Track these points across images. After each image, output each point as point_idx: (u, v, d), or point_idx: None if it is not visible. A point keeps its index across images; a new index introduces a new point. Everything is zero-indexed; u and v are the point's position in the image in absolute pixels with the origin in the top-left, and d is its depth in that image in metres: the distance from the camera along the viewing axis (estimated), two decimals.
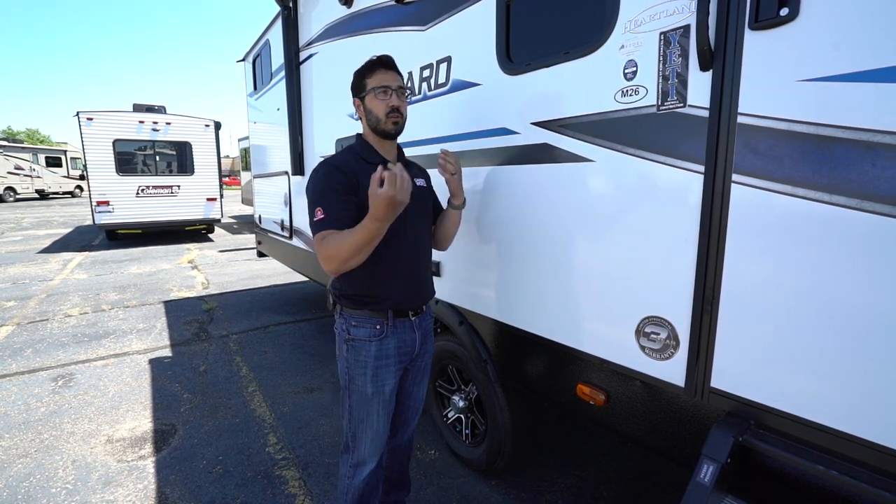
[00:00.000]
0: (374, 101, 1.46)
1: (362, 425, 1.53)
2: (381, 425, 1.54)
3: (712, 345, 1.19)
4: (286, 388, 3.28)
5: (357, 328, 1.49)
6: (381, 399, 1.51)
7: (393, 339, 1.50)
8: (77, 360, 3.77)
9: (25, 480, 2.27)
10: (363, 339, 1.48)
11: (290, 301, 5.52)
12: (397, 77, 1.49)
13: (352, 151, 1.51)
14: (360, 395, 1.51)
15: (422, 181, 1.63)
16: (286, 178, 4.07)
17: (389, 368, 1.51)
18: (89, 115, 8.88)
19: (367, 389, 1.49)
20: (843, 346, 0.98)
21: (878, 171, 0.89)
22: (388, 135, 1.49)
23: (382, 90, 1.44)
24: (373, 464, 1.57)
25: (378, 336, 1.48)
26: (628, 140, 1.32)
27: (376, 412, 1.52)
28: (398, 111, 1.46)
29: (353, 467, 1.58)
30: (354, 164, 1.44)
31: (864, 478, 0.96)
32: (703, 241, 1.17)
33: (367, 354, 1.48)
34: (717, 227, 1.14)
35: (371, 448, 1.55)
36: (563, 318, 1.61)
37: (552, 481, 2.27)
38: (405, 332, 1.52)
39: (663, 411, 1.41)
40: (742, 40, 1.06)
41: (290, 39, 3.53)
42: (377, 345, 1.48)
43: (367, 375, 1.49)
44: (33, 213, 16.25)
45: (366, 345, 1.48)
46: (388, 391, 1.52)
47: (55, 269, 7.26)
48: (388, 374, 1.51)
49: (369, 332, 1.48)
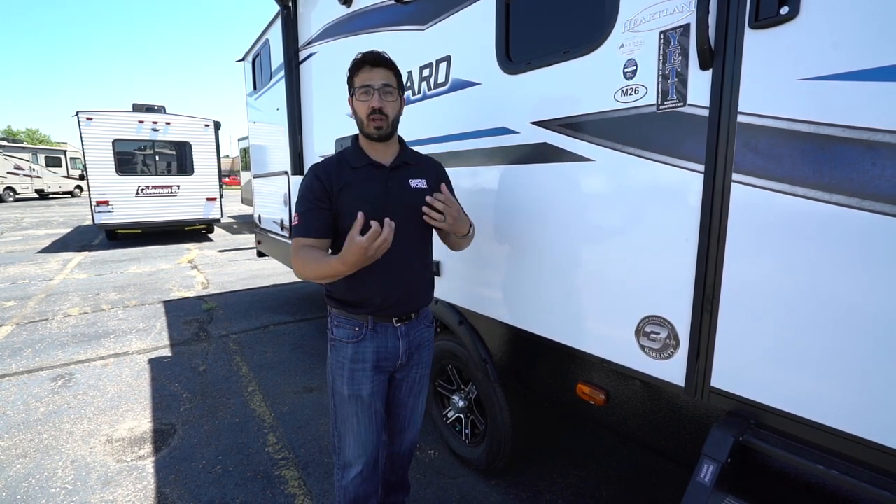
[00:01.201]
0: (357, 101, 1.40)
1: (344, 426, 1.52)
2: (362, 428, 1.51)
3: (712, 344, 1.19)
4: (286, 387, 3.28)
5: (338, 328, 1.49)
6: (359, 402, 1.48)
7: (371, 343, 1.46)
8: (76, 359, 3.77)
9: (25, 480, 2.27)
10: (342, 339, 1.48)
11: (290, 301, 5.52)
12: (385, 75, 1.38)
13: (341, 155, 1.49)
14: (339, 397, 1.50)
15: (420, 182, 1.49)
16: (286, 178, 4.06)
17: (366, 373, 1.47)
18: (89, 115, 8.87)
19: (344, 391, 1.48)
20: (844, 345, 0.98)
21: (878, 171, 0.89)
22: (371, 137, 1.42)
23: (364, 90, 1.37)
24: (359, 466, 1.53)
25: (355, 338, 1.46)
26: (628, 139, 1.32)
27: (355, 415, 1.49)
28: (381, 112, 1.37)
29: (340, 469, 1.57)
30: (337, 169, 1.41)
31: (864, 477, 0.96)
32: (704, 240, 1.17)
33: (344, 356, 1.47)
34: (718, 227, 1.14)
35: (355, 451, 1.52)
36: (563, 317, 1.61)
37: (552, 481, 2.27)
38: (387, 338, 1.48)
39: (663, 411, 1.41)
40: (742, 39, 1.06)
41: (289, 39, 3.52)
42: (353, 347, 1.46)
43: (344, 377, 1.47)
44: (33, 213, 16.24)
45: (344, 346, 1.47)
46: (366, 395, 1.48)
47: (55, 268, 7.26)
48: (365, 379, 1.47)
49: (348, 334, 1.47)
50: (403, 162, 1.49)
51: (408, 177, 1.48)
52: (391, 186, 1.43)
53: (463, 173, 1.95)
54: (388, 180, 1.44)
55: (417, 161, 1.55)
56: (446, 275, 2.19)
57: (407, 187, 1.46)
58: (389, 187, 1.43)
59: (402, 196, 1.43)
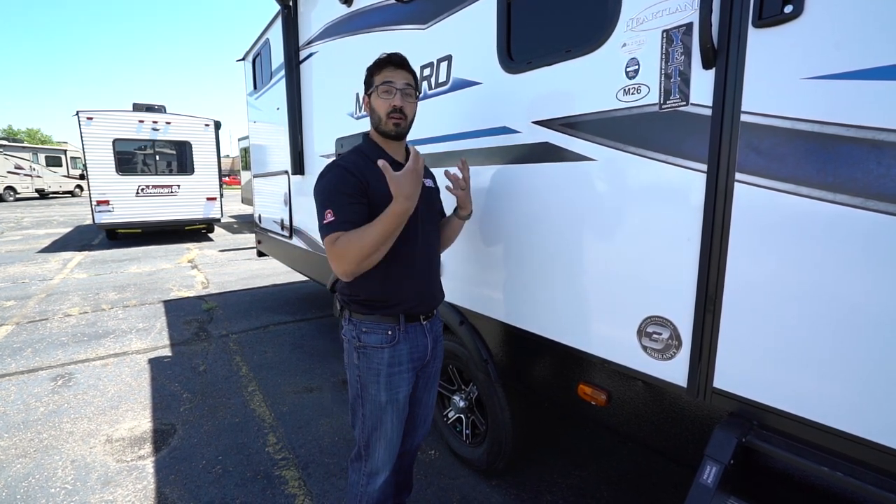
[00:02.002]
0: (378, 99, 1.42)
1: (376, 433, 1.49)
2: (394, 434, 1.51)
3: (715, 345, 1.18)
4: (286, 387, 3.27)
5: (368, 334, 1.45)
6: (396, 407, 1.48)
7: (405, 344, 1.46)
8: (76, 359, 3.77)
9: (24, 480, 2.26)
10: (375, 345, 1.44)
11: (290, 300, 5.51)
12: (406, 76, 1.42)
13: (359, 152, 1.47)
14: (373, 404, 1.47)
15: (429, 182, 1.57)
16: (286, 178, 4.06)
17: (403, 375, 1.47)
18: (89, 115, 8.87)
19: (381, 398, 1.45)
20: (848, 345, 0.97)
21: (883, 170, 0.89)
22: (388, 135, 1.44)
23: (386, 88, 1.40)
24: (387, 472, 1.54)
25: (390, 342, 1.44)
26: (630, 139, 1.31)
27: (390, 420, 1.48)
28: (401, 111, 1.40)
29: (367, 476, 1.54)
30: (363, 165, 1.40)
31: (869, 479, 0.96)
32: (706, 240, 1.16)
33: (380, 362, 1.44)
34: (720, 227, 1.13)
35: (385, 456, 1.52)
36: (565, 317, 1.61)
37: (553, 481, 2.27)
38: (417, 336, 1.49)
39: (665, 412, 1.40)
40: (745, 38, 1.05)
41: (289, 38, 3.52)
42: (390, 351, 1.44)
43: (381, 383, 1.45)
44: (33, 213, 16.24)
45: (378, 352, 1.44)
46: (402, 398, 1.49)
47: (55, 268, 7.26)
48: (402, 381, 1.47)
49: (381, 339, 1.44)
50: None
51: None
52: None
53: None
54: None
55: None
56: (447, 274, 2.18)
57: (423, 185, 1.45)
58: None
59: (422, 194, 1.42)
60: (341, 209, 1.31)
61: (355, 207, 1.32)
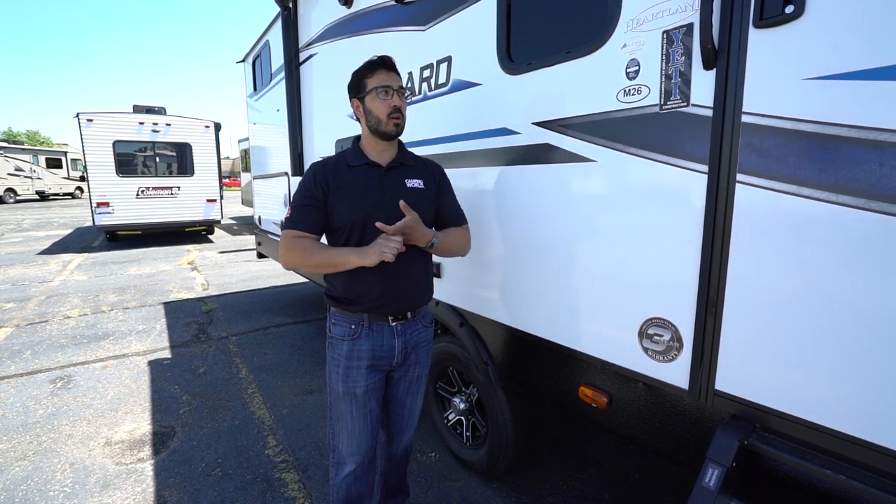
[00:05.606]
0: (376, 101, 1.45)
1: (338, 424, 1.55)
2: (356, 427, 1.53)
3: (716, 347, 1.18)
4: (286, 389, 3.27)
5: (335, 326, 1.52)
6: (353, 400, 1.51)
7: (367, 341, 1.49)
8: (76, 361, 3.76)
9: (23, 483, 2.26)
10: (338, 337, 1.51)
11: (290, 302, 5.51)
12: (398, 78, 1.49)
13: (342, 155, 1.54)
14: (334, 394, 1.54)
15: (417, 182, 1.52)
16: (286, 179, 4.06)
17: (360, 371, 1.50)
18: (89, 117, 8.88)
19: (339, 388, 1.51)
20: (851, 347, 0.96)
21: (885, 171, 0.88)
22: (389, 136, 1.48)
23: (384, 90, 1.44)
24: (352, 465, 1.56)
25: (351, 336, 1.49)
26: (630, 140, 1.31)
27: (349, 412, 1.52)
28: (400, 112, 1.46)
29: (334, 466, 1.61)
30: (334, 168, 1.47)
31: (872, 482, 0.95)
32: (707, 241, 1.16)
33: (340, 353, 1.50)
34: (722, 228, 1.13)
35: (349, 448, 1.55)
36: (565, 319, 1.60)
37: (553, 484, 2.26)
38: (383, 336, 1.50)
39: (667, 414, 1.39)
40: (746, 38, 1.05)
41: (289, 40, 3.52)
42: (349, 344, 1.49)
43: (339, 374, 1.51)
44: (33, 215, 16.25)
45: (339, 343, 1.51)
46: (360, 393, 1.51)
47: (55, 270, 7.25)
48: (359, 377, 1.50)
49: (344, 331, 1.50)
50: (400, 163, 1.54)
51: (404, 177, 1.52)
52: (386, 186, 1.47)
53: (464, 174, 1.94)
54: (384, 180, 1.48)
55: (416, 163, 1.59)
56: (447, 276, 2.18)
57: (402, 187, 1.49)
58: (384, 187, 1.47)
59: (396, 195, 1.44)
60: (298, 209, 1.44)
61: (307, 210, 1.43)
